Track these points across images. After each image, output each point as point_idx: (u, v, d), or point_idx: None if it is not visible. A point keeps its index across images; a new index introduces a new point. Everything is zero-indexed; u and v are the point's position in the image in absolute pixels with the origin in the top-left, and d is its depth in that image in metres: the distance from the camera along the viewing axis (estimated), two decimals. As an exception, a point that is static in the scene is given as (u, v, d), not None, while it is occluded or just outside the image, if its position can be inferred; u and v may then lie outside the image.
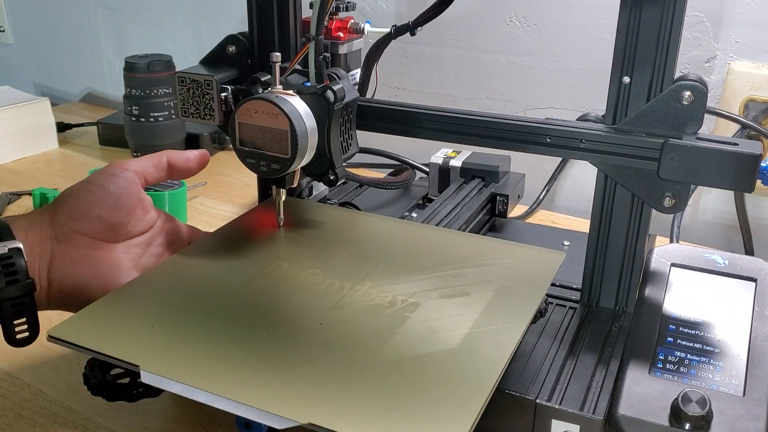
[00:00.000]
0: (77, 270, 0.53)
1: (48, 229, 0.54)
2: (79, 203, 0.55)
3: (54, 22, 1.50)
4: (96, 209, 0.55)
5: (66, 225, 0.54)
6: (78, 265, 0.53)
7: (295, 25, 0.66)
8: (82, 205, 0.54)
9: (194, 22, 1.31)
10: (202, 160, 0.62)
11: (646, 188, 0.55)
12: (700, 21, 0.86)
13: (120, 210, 0.56)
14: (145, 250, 0.58)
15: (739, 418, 0.46)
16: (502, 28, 0.98)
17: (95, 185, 0.56)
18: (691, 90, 0.52)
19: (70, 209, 0.54)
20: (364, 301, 0.50)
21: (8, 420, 0.56)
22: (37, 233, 0.53)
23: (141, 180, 0.58)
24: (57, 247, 0.53)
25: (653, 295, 0.56)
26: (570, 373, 0.51)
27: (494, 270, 0.53)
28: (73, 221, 0.54)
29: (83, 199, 0.55)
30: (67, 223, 0.54)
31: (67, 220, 0.54)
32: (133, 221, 0.57)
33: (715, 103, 0.87)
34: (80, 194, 0.55)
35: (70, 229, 0.54)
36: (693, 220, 0.92)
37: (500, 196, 0.78)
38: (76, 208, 0.54)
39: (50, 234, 0.53)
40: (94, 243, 0.55)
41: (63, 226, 0.54)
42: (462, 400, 0.40)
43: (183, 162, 0.61)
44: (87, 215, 0.54)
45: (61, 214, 0.54)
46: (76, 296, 0.52)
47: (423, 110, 0.62)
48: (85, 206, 0.54)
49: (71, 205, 0.54)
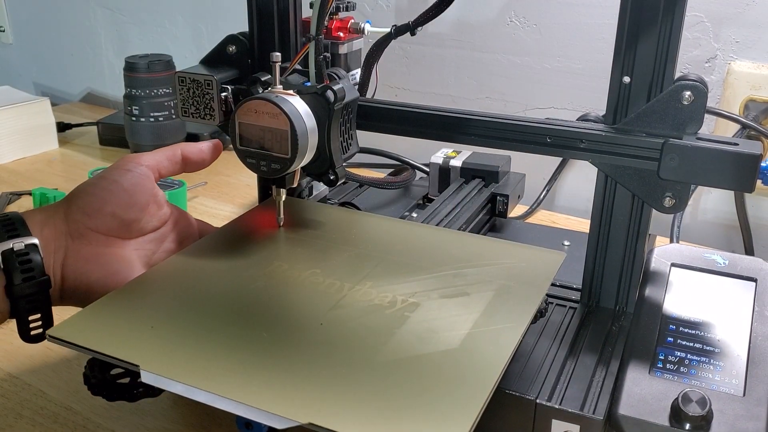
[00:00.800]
0: (91, 268, 0.53)
1: (62, 224, 0.54)
2: (92, 199, 0.54)
3: (54, 22, 1.50)
4: (109, 206, 0.54)
5: (80, 221, 0.54)
6: (91, 263, 0.53)
7: (295, 25, 0.66)
8: (96, 201, 0.54)
9: (194, 22, 1.31)
10: (215, 150, 0.62)
11: (646, 188, 0.55)
12: (700, 21, 0.86)
13: (133, 206, 0.55)
14: (158, 247, 0.58)
15: (739, 418, 0.46)
16: (502, 28, 0.98)
17: (109, 181, 0.56)
18: (691, 90, 0.52)
19: (84, 205, 0.54)
20: (364, 301, 0.50)
21: (8, 420, 0.56)
22: (52, 229, 0.53)
23: (155, 174, 0.58)
24: (71, 244, 0.53)
25: (653, 295, 0.56)
26: (570, 373, 0.51)
27: (494, 270, 0.53)
28: (87, 218, 0.54)
29: (97, 195, 0.55)
30: (81, 219, 0.54)
31: (81, 216, 0.54)
32: (146, 217, 0.57)
33: (715, 103, 0.87)
34: (94, 190, 0.55)
35: (84, 226, 0.54)
36: (693, 220, 0.92)
37: (500, 196, 0.78)
38: (90, 204, 0.54)
39: (65, 230, 0.53)
40: (107, 240, 0.54)
41: (77, 223, 0.54)
42: (462, 400, 0.40)
43: (197, 154, 0.60)
44: (101, 211, 0.54)
45: (75, 210, 0.54)
46: (89, 294, 0.52)
47: (423, 110, 0.62)
48: (98, 203, 0.54)
49: (85, 201, 0.54)
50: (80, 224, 0.54)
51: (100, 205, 0.54)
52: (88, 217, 0.54)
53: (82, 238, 0.53)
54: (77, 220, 0.54)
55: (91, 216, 0.54)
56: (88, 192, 0.55)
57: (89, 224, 0.54)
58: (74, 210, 0.54)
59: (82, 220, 0.54)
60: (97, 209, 0.54)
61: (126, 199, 0.55)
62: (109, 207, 0.54)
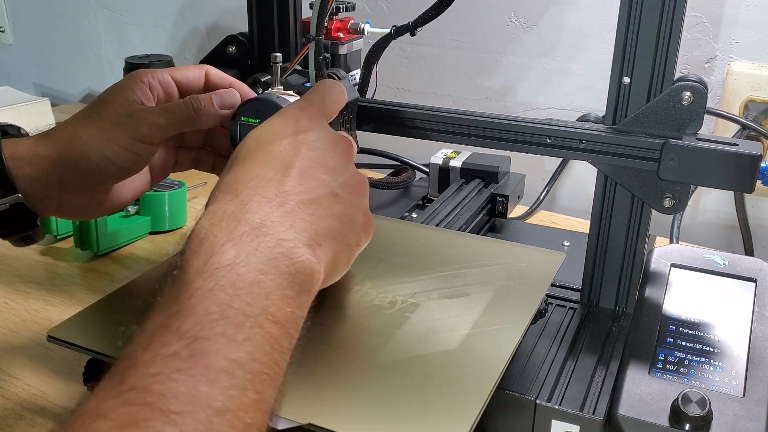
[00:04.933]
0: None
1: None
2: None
3: (54, 22, 1.50)
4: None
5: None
6: None
7: (295, 26, 0.66)
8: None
9: (194, 22, 1.31)
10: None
11: (646, 189, 0.55)
12: (700, 21, 0.86)
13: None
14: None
15: (739, 418, 0.46)
16: (502, 28, 0.98)
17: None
18: (691, 90, 0.52)
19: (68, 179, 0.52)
20: (364, 302, 0.50)
21: (8, 421, 0.56)
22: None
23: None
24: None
25: (653, 296, 0.56)
26: (570, 374, 0.51)
27: (494, 270, 0.53)
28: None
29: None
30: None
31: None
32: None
33: (715, 103, 0.87)
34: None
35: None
36: (693, 220, 0.92)
37: (500, 196, 0.78)
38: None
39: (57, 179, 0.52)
40: None
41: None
42: (462, 401, 0.40)
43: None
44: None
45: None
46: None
47: (423, 110, 0.62)
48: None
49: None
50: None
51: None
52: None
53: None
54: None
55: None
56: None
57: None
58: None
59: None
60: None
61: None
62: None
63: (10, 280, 0.75)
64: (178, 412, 0.29)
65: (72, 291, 0.74)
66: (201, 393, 0.30)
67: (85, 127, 0.51)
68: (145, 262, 0.79)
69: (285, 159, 0.42)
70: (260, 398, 0.32)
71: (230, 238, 0.36)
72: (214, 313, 0.33)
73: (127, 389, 0.30)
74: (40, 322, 0.68)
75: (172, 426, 0.29)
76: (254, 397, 0.32)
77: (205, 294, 0.34)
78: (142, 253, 0.81)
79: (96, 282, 0.76)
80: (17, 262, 0.79)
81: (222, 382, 0.31)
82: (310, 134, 0.44)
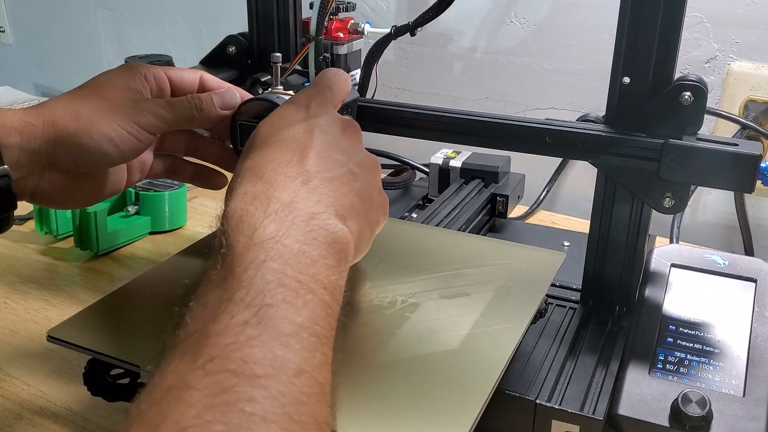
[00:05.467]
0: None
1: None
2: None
3: (54, 22, 1.50)
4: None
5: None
6: None
7: (295, 26, 0.66)
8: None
9: (194, 23, 1.31)
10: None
11: (646, 189, 0.55)
12: (700, 21, 0.86)
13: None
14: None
15: (739, 418, 0.46)
16: (502, 28, 0.98)
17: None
18: (691, 90, 0.52)
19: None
20: (363, 302, 0.50)
21: (8, 420, 0.56)
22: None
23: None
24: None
25: (653, 296, 0.56)
26: (570, 374, 0.51)
27: (494, 270, 0.53)
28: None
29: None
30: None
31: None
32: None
33: (715, 103, 0.87)
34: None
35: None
36: (693, 220, 0.92)
37: (500, 196, 0.78)
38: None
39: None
40: None
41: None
42: (462, 401, 0.40)
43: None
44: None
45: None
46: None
47: (423, 110, 0.62)
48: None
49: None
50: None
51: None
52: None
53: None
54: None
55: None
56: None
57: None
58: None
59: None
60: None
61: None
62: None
63: (10, 280, 0.75)
64: (262, 376, 0.30)
65: (72, 291, 0.74)
66: (278, 357, 0.31)
67: (85, 104, 0.50)
68: (145, 262, 0.79)
69: (300, 142, 0.43)
70: (326, 359, 0.34)
71: (267, 215, 0.37)
72: (272, 282, 0.34)
73: (205, 361, 0.31)
74: (40, 322, 0.68)
75: (260, 389, 0.30)
76: (322, 359, 0.33)
77: (258, 265, 0.35)
78: (142, 253, 0.81)
79: (96, 282, 0.76)
80: (17, 262, 0.79)
81: (293, 345, 0.32)
82: (320, 119, 0.45)
